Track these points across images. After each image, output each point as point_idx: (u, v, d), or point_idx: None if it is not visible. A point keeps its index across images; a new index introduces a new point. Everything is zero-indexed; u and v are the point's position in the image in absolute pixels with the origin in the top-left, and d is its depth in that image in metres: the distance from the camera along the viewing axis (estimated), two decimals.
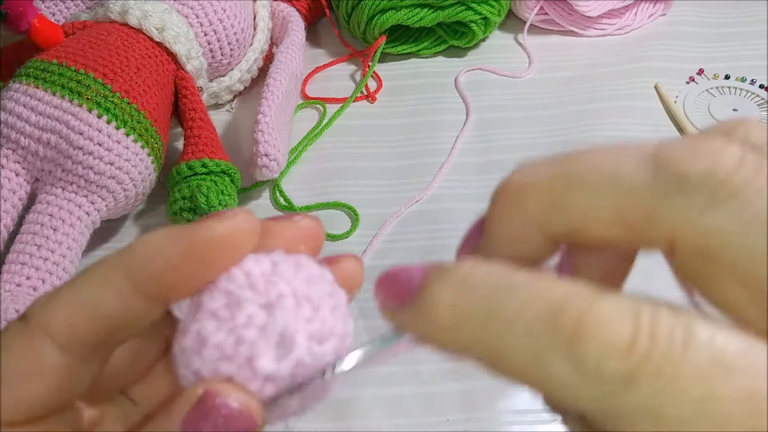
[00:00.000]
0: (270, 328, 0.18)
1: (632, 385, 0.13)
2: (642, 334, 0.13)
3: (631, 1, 0.71)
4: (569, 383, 0.13)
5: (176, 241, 0.18)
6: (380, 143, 0.62)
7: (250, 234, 0.18)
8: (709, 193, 0.14)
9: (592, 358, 0.13)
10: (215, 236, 0.18)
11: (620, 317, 0.13)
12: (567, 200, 0.16)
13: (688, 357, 0.13)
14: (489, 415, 0.44)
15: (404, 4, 0.65)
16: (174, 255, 0.18)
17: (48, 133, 0.48)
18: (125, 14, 0.54)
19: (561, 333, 0.13)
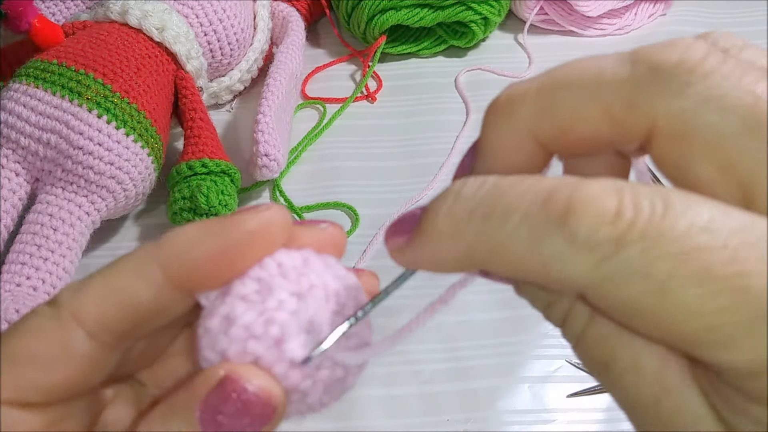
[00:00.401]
0: (301, 314, 0.18)
1: (622, 248, 0.14)
2: (626, 205, 0.14)
3: (631, 1, 0.71)
4: (565, 259, 0.14)
5: (212, 235, 0.18)
6: (380, 143, 0.62)
7: (282, 227, 0.19)
8: (682, 78, 0.15)
9: (583, 230, 0.14)
10: (250, 229, 0.18)
11: (605, 193, 0.14)
12: (555, 101, 0.17)
13: (668, 220, 0.14)
14: (489, 415, 0.44)
15: (404, 4, 0.65)
16: (209, 248, 0.18)
17: (48, 133, 0.48)
18: (125, 14, 0.54)
19: (553, 213, 0.15)
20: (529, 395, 0.45)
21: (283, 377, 0.18)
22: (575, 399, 0.45)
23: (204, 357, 0.19)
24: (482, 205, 0.16)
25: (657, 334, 0.15)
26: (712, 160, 0.15)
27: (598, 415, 0.45)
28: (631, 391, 0.16)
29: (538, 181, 0.15)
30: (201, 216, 0.50)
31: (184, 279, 0.18)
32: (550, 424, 0.44)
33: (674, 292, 0.14)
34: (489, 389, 0.45)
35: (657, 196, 0.14)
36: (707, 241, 0.14)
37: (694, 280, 0.13)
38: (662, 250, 0.14)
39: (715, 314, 0.13)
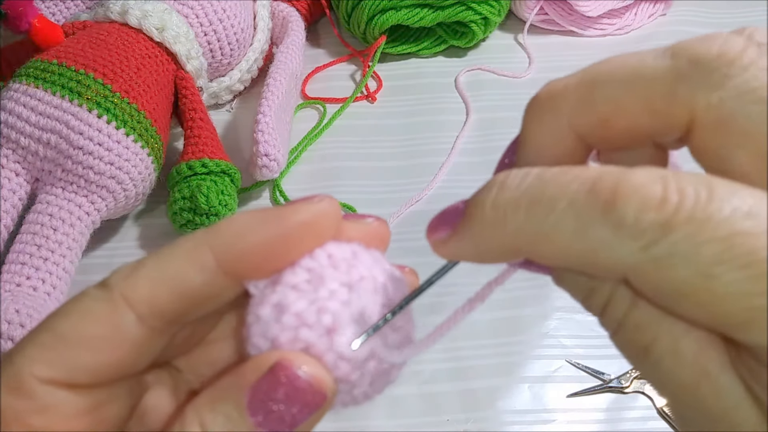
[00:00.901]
0: (353, 305, 0.19)
1: (668, 232, 0.14)
2: (671, 191, 0.15)
3: (631, 1, 0.71)
4: (611, 244, 0.15)
5: (266, 224, 0.18)
6: (380, 143, 0.62)
7: (334, 219, 0.19)
8: (722, 70, 0.16)
9: (630, 215, 0.15)
10: (304, 220, 0.19)
11: (650, 180, 0.15)
12: (596, 95, 0.17)
13: (713, 206, 0.14)
14: (489, 415, 0.44)
15: (404, 4, 0.65)
16: (263, 236, 0.18)
17: (48, 133, 0.48)
18: (125, 14, 0.54)
19: (600, 199, 0.15)
20: (529, 395, 0.45)
21: (333, 367, 0.18)
22: (575, 399, 0.45)
23: (253, 344, 0.19)
24: (528, 194, 0.16)
25: (700, 316, 0.15)
26: (750, 149, 0.16)
27: (598, 415, 0.45)
28: (670, 375, 0.16)
29: (583, 171, 0.16)
30: (201, 216, 0.50)
31: (236, 266, 0.18)
32: (550, 424, 0.44)
33: (719, 275, 0.14)
34: (489, 389, 0.45)
35: (701, 183, 0.15)
36: (751, 226, 0.14)
37: (738, 264, 0.14)
38: (708, 234, 0.14)
39: (758, 297, 0.14)
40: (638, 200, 0.15)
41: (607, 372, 0.46)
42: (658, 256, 0.14)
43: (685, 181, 0.15)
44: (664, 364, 0.16)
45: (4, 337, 0.41)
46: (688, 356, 0.16)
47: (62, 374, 0.17)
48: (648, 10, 0.73)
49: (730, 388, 0.15)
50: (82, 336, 0.18)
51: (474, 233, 0.17)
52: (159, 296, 0.18)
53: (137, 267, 0.18)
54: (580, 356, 0.47)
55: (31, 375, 0.17)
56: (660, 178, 0.15)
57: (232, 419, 0.18)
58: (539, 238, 0.16)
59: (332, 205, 0.19)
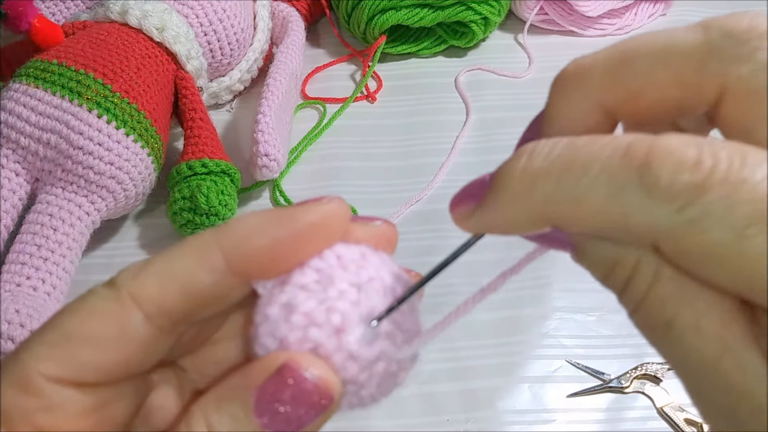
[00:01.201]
0: (362, 305, 0.19)
1: (703, 194, 0.14)
2: (705, 155, 0.15)
3: (631, 1, 0.71)
4: (645, 207, 0.15)
5: (275, 224, 0.18)
6: (380, 143, 0.62)
7: (343, 221, 0.19)
8: (753, 42, 0.16)
9: (665, 177, 0.15)
10: (314, 221, 0.19)
11: (684, 145, 0.15)
12: (626, 67, 0.17)
13: (747, 169, 0.14)
14: (489, 415, 0.44)
15: (404, 4, 0.65)
16: (272, 237, 0.18)
17: (48, 133, 0.48)
18: (125, 14, 0.54)
19: (634, 162, 0.15)
20: (529, 395, 0.45)
21: (341, 368, 0.18)
22: (575, 399, 0.45)
23: (261, 344, 0.19)
24: (560, 160, 0.16)
25: (731, 281, 0.15)
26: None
27: (598, 415, 0.45)
28: (692, 350, 0.16)
29: (615, 138, 0.16)
30: (201, 216, 0.50)
31: (245, 266, 0.18)
32: (550, 424, 0.44)
33: (752, 236, 0.14)
34: (489, 389, 0.45)
35: (734, 149, 0.15)
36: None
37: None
38: (742, 195, 0.14)
39: None
40: (673, 162, 0.15)
41: (607, 372, 0.46)
42: (692, 217, 0.14)
43: (718, 146, 0.15)
44: (686, 339, 0.16)
45: (4, 337, 0.41)
46: (710, 331, 0.16)
47: (69, 373, 0.17)
48: (648, 10, 0.73)
49: (753, 363, 0.15)
50: (90, 335, 0.18)
51: (502, 202, 0.17)
52: (167, 296, 0.18)
53: (145, 266, 0.18)
54: (580, 356, 0.47)
55: (38, 373, 0.17)
56: (694, 142, 0.15)
57: (238, 420, 0.18)
58: (571, 204, 0.16)
59: (342, 206, 0.19)
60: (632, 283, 0.17)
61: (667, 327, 0.16)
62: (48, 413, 0.17)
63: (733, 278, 0.15)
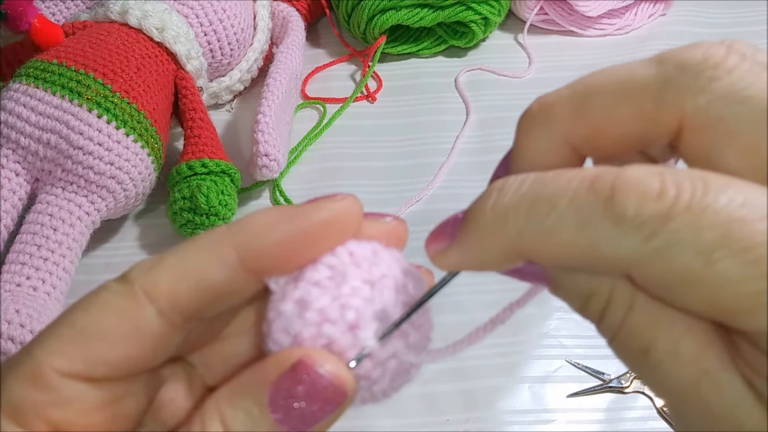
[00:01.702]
0: (375, 302, 0.19)
1: (668, 222, 0.15)
2: (669, 184, 0.15)
3: (631, 1, 0.71)
4: (613, 238, 0.15)
5: (288, 221, 0.18)
6: (380, 143, 0.62)
7: (356, 218, 0.20)
8: (707, 73, 0.16)
9: (630, 208, 0.15)
10: (327, 217, 0.19)
11: (648, 175, 0.15)
12: (588, 104, 0.18)
13: (709, 196, 0.15)
14: (489, 415, 0.44)
15: (404, 4, 0.65)
16: (285, 233, 0.18)
17: (48, 133, 0.48)
18: (125, 14, 0.54)
19: (600, 195, 0.15)
20: (529, 395, 0.45)
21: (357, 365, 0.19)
22: (575, 399, 0.45)
23: (275, 340, 0.19)
24: (528, 195, 0.17)
25: (702, 305, 0.15)
26: (738, 148, 0.16)
27: (598, 415, 0.45)
28: (671, 376, 0.16)
29: (581, 171, 0.16)
30: (201, 216, 0.50)
31: (258, 263, 0.18)
32: (550, 424, 0.44)
33: (719, 260, 0.14)
34: (489, 389, 0.45)
35: (696, 177, 0.15)
36: (747, 213, 0.14)
37: (737, 249, 0.14)
38: (706, 221, 0.14)
39: (757, 281, 0.14)
40: (638, 193, 0.15)
41: (607, 372, 0.46)
42: (659, 246, 0.15)
43: (681, 175, 0.15)
44: (663, 365, 0.16)
45: (4, 337, 0.41)
46: (687, 356, 0.16)
47: (82, 368, 0.18)
48: (648, 10, 0.73)
49: (731, 385, 0.16)
50: (102, 330, 0.18)
51: (474, 239, 0.18)
52: (180, 291, 0.18)
53: (158, 262, 0.18)
54: (580, 356, 0.47)
55: (50, 368, 0.17)
56: (657, 172, 0.15)
57: (252, 415, 0.18)
58: (542, 237, 0.16)
59: (355, 204, 0.20)
60: (608, 313, 0.17)
61: (644, 353, 0.17)
62: (60, 408, 0.17)
63: (704, 303, 0.15)
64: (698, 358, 0.16)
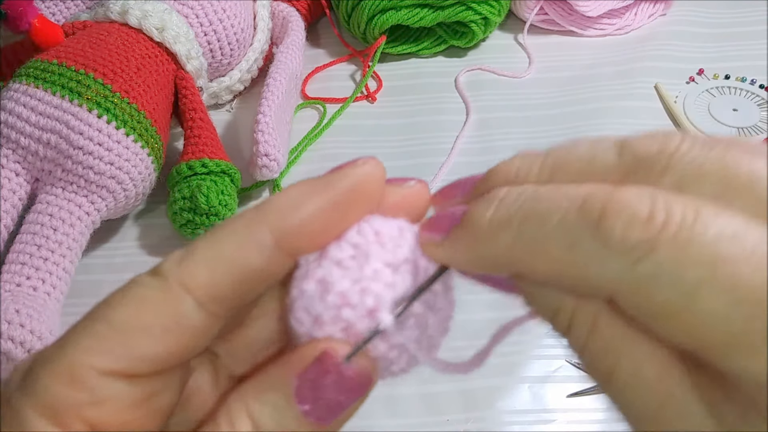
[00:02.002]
0: (397, 287, 0.19)
1: (654, 251, 0.14)
2: (658, 209, 0.15)
3: (631, 1, 0.71)
4: (599, 260, 0.15)
5: (318, 193, 0.18)
6: (380, 143, 0.62)
7: (381, 180, 0.20)
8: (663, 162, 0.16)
9: (617, 232, 0.15)
10: (353, 183, 0.19)
11: (638, 199, 0.15)
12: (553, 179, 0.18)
13: (698, 227, 0.14)
14: (489, 415, 0.44)
15: (404, 4, 0.65)
16: (317, 206, 0.18)
17: (48, 133, 0.48)
18: (125, 14, 0.54)
19: (589, 216, 0.15)
20: (529, 395, 0.45)
21: (372, 347, 0.19)
22: (575, 399, 0.45)
23: (297, 318, 0.19)
24: (523, 209, 0.17)
25: (682, 338, 0.15)
26: None
27: (598, 415, 0.45)
28: (634, 398, 0.16)
29: (575, 188, 0.16)
30: (201, 216, 0.50)
31: (293, 240, 0.18)
32: (550, 424, 0.44)
33: (703, 298, 0.14)
34: (489, 389, 0.45)
35: (688, 204, 0.15)
36: (735, 250, 0.14)
37: (722, 287, 0.14)
38: (693, 256, 0.14)
39: (741, 321, 0.14)
40: (626, 217, 0.15)
41: None
42: (643, 274, 0.15)
43: (673, 201, 0.15)
44: (627, 387, 0.16)
45: (4, 337, 0.41)
46: (650, 379, 0.16)
47: (122, 365, 0.17)
48: (648, 10, 0.73)
49: (693, 408, 0.16)
50: (141, 325, 0.17)
51: (468, 243, 0.18)
52: (218, 280, 0.17)
53: (191, 251, 0.18)
54: None
55: (88, 366, 0.17)
56: (649, 195, 0.15)
57: (279, 408, 0.18)
58: (531, 253, 0.17)
59: (377, 167, 0.19)
60: (572, 330, 0.17)
61: (609, 374, 0.17)
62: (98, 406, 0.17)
63: (685, 337, 0.15)
64: (662, 382, 0.16)
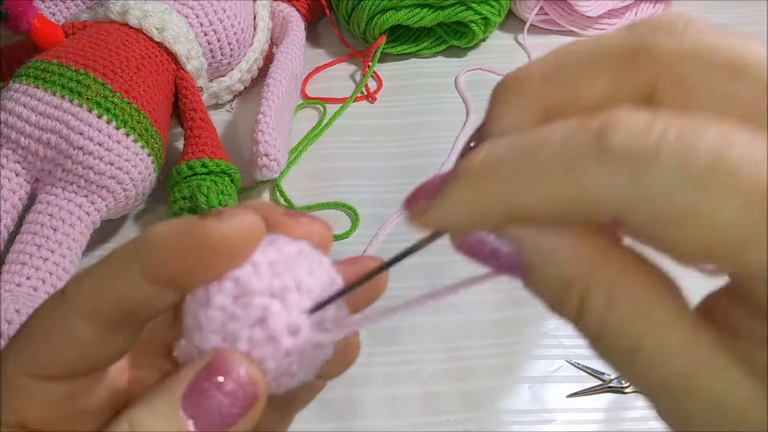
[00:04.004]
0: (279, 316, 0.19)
1: (657, 158, 0.14)
2: (658, 121, 0.15)
3: (631, 1, 0.71)
4: (602, 176, 0.15)
5: (178, 237, 0.19)
6: (380, 143, 0.62)
7: (247, 238, 0.19)
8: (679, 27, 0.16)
9: (619, 142, 0.15)
10: (213, 240, 0.19)
11: (635, 114, 0.15)
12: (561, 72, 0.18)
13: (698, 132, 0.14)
14: (489, 415, 0.44)
15: (404, 4, 0.65)
16: (177, 249, 0.19)
17: (48, 133, 0.48)
18: (125, 14, 0.54)
19: (589, 132, 0.15)
20: (529, 395, 0.45)
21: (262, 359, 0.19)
22: (575, 399, 0.45)
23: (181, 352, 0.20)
24: (518, 144, 0.16)
25: (696, 245, 0.15)
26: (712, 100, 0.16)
27: (598, 415, 0.45)
28: (663, 370, 0.16)
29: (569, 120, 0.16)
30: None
31: (158, 276, 0.19)
32: (550, 424, 0.44)
33: (712, 197, 0.14)
34: (489, 389, 0.45)
35: (684, 116, 0.15)
36: (735, 151, 0.14)
37: (727, 185, 0.14)
38: (696, 157, 0.14)
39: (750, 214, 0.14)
40: (626, 128, 0.15)
41: (607, 372, 0.46)
42: (650, 183, 0.14)
43: (670, 114, 0.15)
44: (655, 360, 0.16)
45: (4, 337, 0.41)
46: (678, 347, 0.15)
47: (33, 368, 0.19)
48: (648, 10, 0.73)
49: (726, 369, 0.15)
50: (42, 334, 0.19)
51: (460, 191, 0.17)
52: (99, 299, 0.19)
53: (85, 273, 0.20)
54: (580, 356, 0.47)
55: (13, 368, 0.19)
56: (646, 111, 0.15)
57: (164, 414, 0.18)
58: (530, 182, 0.16)
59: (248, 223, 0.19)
60: (587, 306, 0.16)
61: (633, 353, 0.16)
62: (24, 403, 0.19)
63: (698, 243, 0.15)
64: (691, 348, 0.15)
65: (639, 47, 0.17)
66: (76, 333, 0.19)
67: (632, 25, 0.17)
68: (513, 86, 0.18)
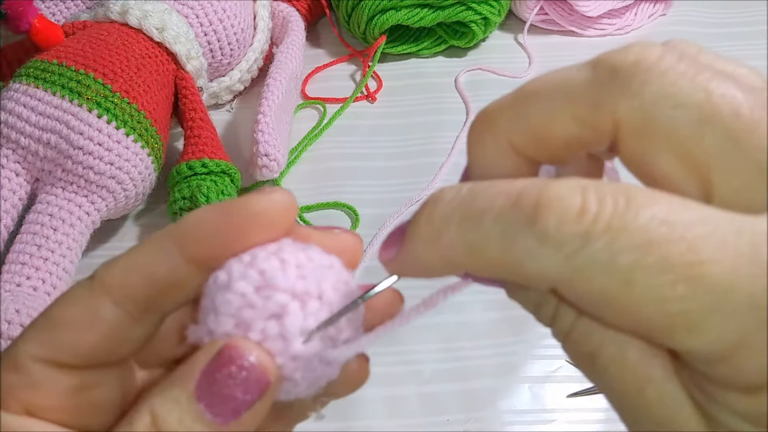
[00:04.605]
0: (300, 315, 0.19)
1: (588, 242, 0.15)
2: (590, 201, 0.15)
3: (631, 1, 0.71)
4: (536, 256, 0.15)
5: (219, 214, 0.20)
6: (380, 143, 0.62)
7: (284, 210, 0.20)
8: (639, 77, 0.16)
9: (552, 226, 0.15)
10: (253, 211, 0.20)
11: (570, 192, 0.15)
12: (528, 110, 0.18)
13: (630, 214, 0.15)
14: (489, 415, 0.44)
15: (404, 4, 0.65)
16: (217, 224, 0.20)
17: (48, 133, 0.48)
18: (125, 14, 0.54)
19: (523, 213, 0.16)
20: (529, 395, 0.45)
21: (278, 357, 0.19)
22: (575, 399, 0.45)
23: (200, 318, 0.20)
24: (458, 209, 0.17)
25: (624, 323, 0.16)
26: (672, 152, 0.16)
27: (598, 415, 0.45)
28: (616, 381, 0.17)
29: (509, 184, 0.16)
30: None
31: (194, 253, 0.20)
32: (550, 424, 0.44)
33: (637, 282, 0.14)
34: (489, 389, 0.45)
35: (619, 192, 0.15)
36: (666, 232, 0.14)
37: (654, 270, 0.14)
38: (625, 242, 0.14)
39: (675, 302, 0.14)
40: (559, 211, 0.15)
41: None
42: (580, 265, 0.15)
43: (604, 191, 0.15)
44: (609, 370, 0.17)
45: (4, 337, 0.41)
46: (632, 363, 0.16)
47: (49, 353, 0.19)
48: (648, 10, 0.73)
49: (673, 393, 0.16)
50: (66, 319, 0.20)
51: (413, 250, 0.18)
52: (131, 282, 0.20)
53: (116, 258, 0.20)
54: None
55: (25, 353, 0.19)
56: (580, 188, 0.15)
57: (180, 403, 0.19)
58: (470, 251, 0.17)
59: (283, 198, 0.20)
60: (558, 318, 0.18)
61: (592, 359, 0.17)
62: (32, 390, 0.19)
63: (626, 321, 0.15)
64: (643, 366, 0.16)
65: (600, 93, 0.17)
66: (104, 315, 0.19)
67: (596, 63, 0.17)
68: (483, 125, 0.19)
